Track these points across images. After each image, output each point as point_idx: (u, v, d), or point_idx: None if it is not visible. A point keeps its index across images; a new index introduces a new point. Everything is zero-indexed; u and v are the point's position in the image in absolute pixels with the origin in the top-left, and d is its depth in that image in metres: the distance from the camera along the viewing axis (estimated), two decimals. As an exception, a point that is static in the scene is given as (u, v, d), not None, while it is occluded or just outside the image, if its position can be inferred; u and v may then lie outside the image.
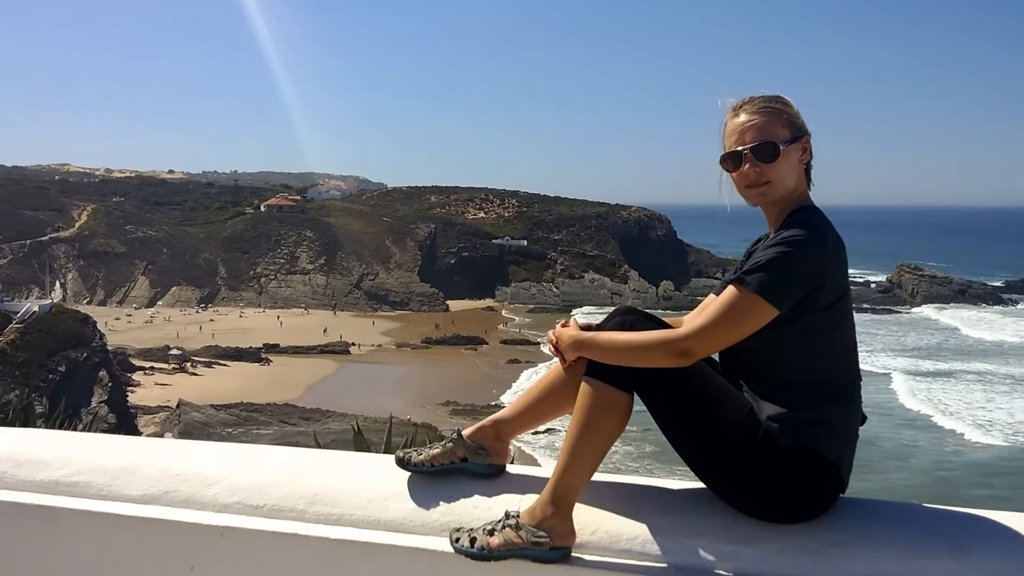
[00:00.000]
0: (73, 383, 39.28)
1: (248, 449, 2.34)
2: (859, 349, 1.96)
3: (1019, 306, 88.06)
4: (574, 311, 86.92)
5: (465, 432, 2.10)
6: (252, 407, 44.88)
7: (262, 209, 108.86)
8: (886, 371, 53.91)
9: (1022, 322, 75.48)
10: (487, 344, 67.92)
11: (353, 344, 67.64)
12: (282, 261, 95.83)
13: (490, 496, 2.01)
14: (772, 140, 1.88)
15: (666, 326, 1.95)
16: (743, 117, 1.93)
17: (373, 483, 2.08)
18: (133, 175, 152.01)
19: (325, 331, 72.12)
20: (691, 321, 1.89)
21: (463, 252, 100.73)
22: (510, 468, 2.17)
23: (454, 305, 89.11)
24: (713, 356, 1.96)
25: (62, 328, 42.63)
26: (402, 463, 2.08)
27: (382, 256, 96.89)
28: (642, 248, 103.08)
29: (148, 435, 41.14)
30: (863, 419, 1.96)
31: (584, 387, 1.91)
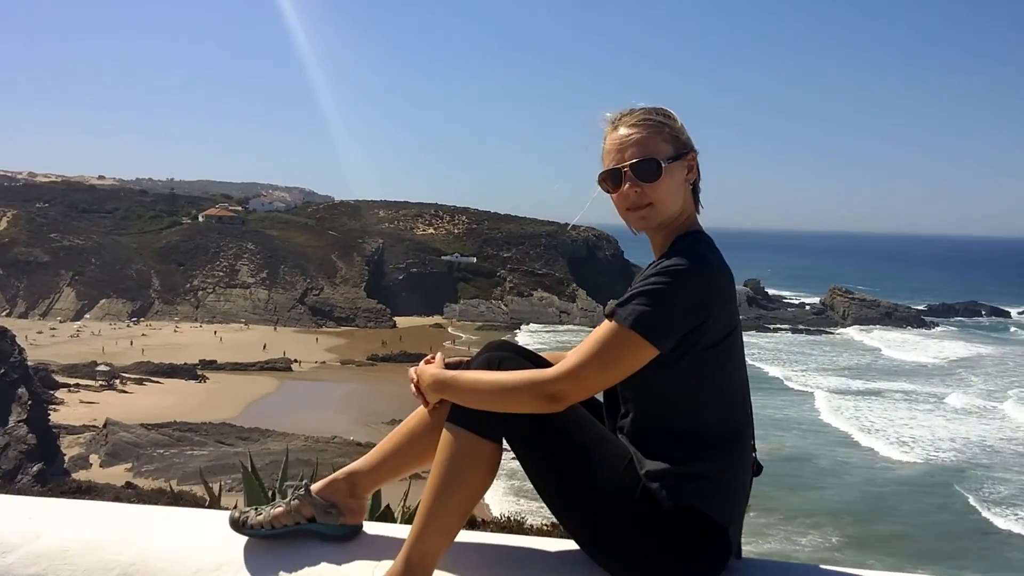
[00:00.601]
0: (-11, 401, 37.30)
1: (64, 505, 2.00)
2: (793, 368, 1.77)
3: (938, 328, 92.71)
4: (522, 327, 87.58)
5: (314, 487, 1.85)
6: (186, 426, 43.32)
7: (200, 219, 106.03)
8: (815, 390, 55.42)
9: (942, 344, 79.12)
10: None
11: (295, 361, 66.23)
12: (221, 274, 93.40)
13: (340, 564, 1.74)
14: (653, 157, 1.70)
15: (543, 363, 1.75)
16: (622, 131, 1.74)
17: (203, 549, 1.78)
18: (59, 180, 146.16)
19: (265, 347, 70.49)
20: (565, 361, 1.68)
21: (412, 268, 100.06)
22: (368, 527, 1.90)
23: (401, 322, 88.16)
24: (598, 397, 1.80)
25: (-24, 342, 40.52)
26: (237, 525, 1.81)
27: (327, 271, 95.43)
28: (590, 267, 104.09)
29: (72, 456, 39.33)
30: (758, 469, 1.80)
31: (445, 435, 1.70)
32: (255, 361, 65.00)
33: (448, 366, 1.82)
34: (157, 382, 56.87)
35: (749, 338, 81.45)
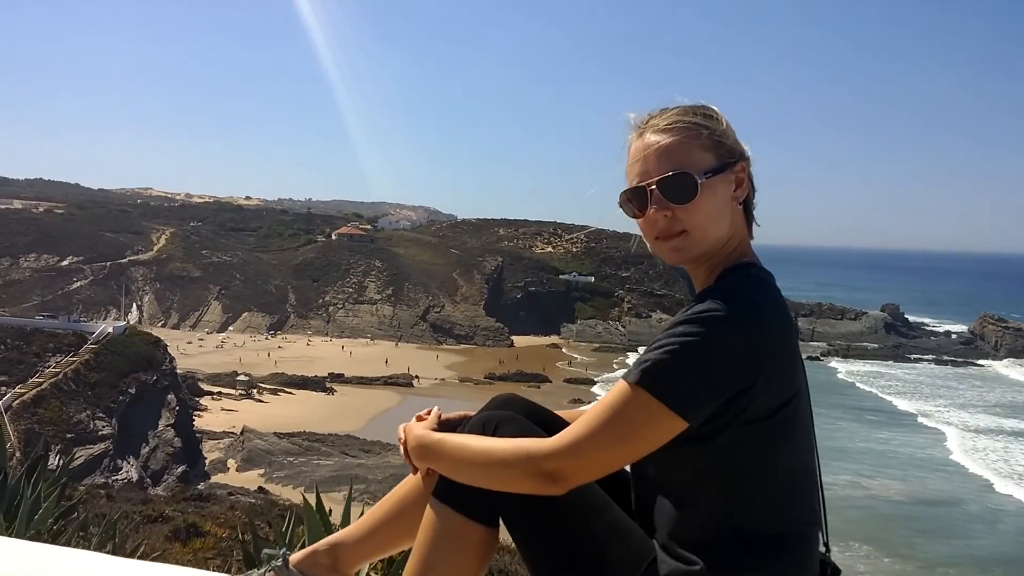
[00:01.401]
0: (142, 405, 40.28)
1: (74, 557, 1.88)
2: (935, 403, 1.31)
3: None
4: (638, 349, 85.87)
5: (292, 558, 1.62)
6: (314, 437, 45.23)
7: (333, 238, 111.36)
8: (951, 427, 52.03)
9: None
10: (550, 382, 67.22)
11: (416, 377, 67.97)
12: (350, 290, 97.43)
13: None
14: (686, 170, 1.31)
15: (554, 425, 1.39)
16: (649, 138, 1.36)
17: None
18: (211, 200, 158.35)
19: (387, 362, 72.79)
20: (568, 430, 1.30)
21: (530, 287, 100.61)
22: None
23: (519, 340, 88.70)
24: (625, 468, 1.43)
25: (134, 350, 43.87)
26: None
27: (448, 288, 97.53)
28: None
29: (212, 460, 41.86)
30: (835, 572, 1.39)
31: (429, 512, 1.41)
32: (379, 376, 67.23)
33: (444, 424, 1.51)
34: (290, 393, 59.80)
35: (886, 368, 78.19)
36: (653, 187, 1.33)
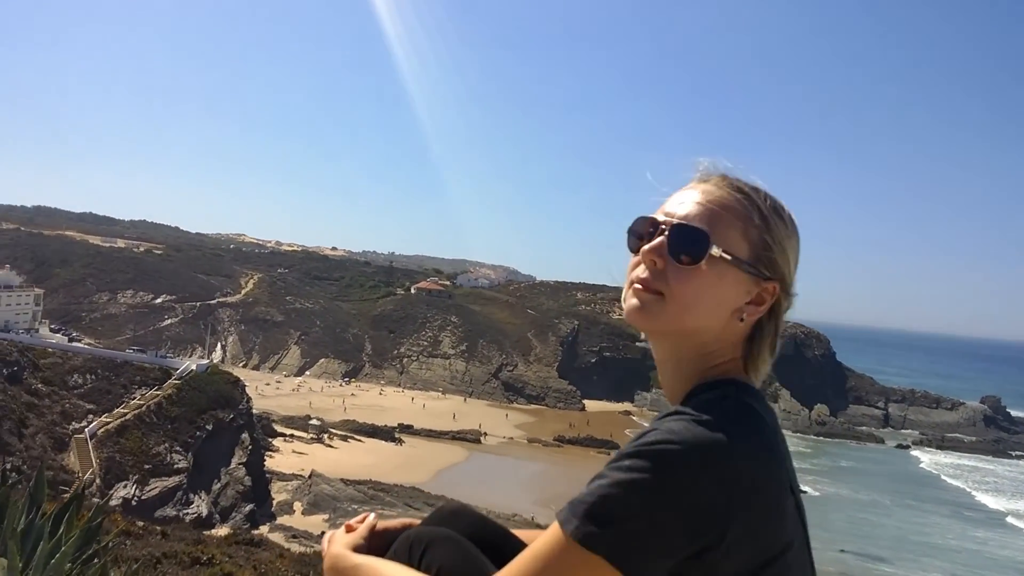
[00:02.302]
0: (216, 442, 40.89)
1: None
2: None
3: None
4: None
5: None
6: (380, 486, 44.95)
7: (412, 291, 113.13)
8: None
9: None
10: (619, 449, 65.54)
11: (484, 434, 67.32)
12: (425, 344, 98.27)
13: None
14: (708, 232, 1.06)
15: (507, 547, 1.13)
16: (707, 187, 1.11)
17: None
18: (299, 249, 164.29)
19: (455, 417, 72.45)
20: None
21: (605, 352, 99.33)
22: None
23: (591, 405, 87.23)
24: None
25: (214, 388, 44.86)
26: None
27: (523, 348, 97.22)
28: (796, 367, 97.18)
29: (279, 502, 41.92)
30: None
31: None
32: (448, 430, 66.84)
33: (380, 535, 1.23)
34: (359, 440, 59.96)
35: (984, 464, 73.06)
36: (665, 224, 1.08)
